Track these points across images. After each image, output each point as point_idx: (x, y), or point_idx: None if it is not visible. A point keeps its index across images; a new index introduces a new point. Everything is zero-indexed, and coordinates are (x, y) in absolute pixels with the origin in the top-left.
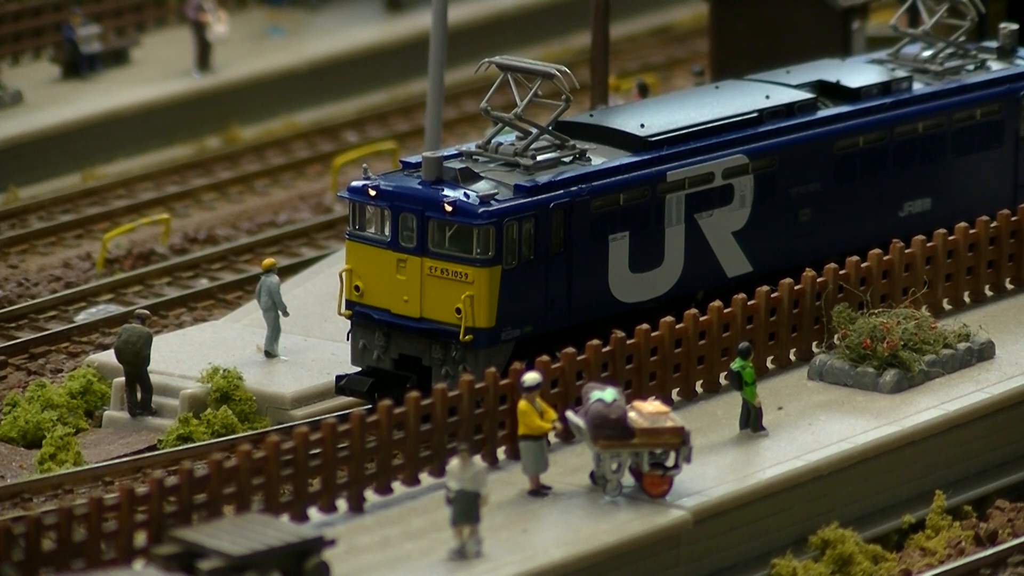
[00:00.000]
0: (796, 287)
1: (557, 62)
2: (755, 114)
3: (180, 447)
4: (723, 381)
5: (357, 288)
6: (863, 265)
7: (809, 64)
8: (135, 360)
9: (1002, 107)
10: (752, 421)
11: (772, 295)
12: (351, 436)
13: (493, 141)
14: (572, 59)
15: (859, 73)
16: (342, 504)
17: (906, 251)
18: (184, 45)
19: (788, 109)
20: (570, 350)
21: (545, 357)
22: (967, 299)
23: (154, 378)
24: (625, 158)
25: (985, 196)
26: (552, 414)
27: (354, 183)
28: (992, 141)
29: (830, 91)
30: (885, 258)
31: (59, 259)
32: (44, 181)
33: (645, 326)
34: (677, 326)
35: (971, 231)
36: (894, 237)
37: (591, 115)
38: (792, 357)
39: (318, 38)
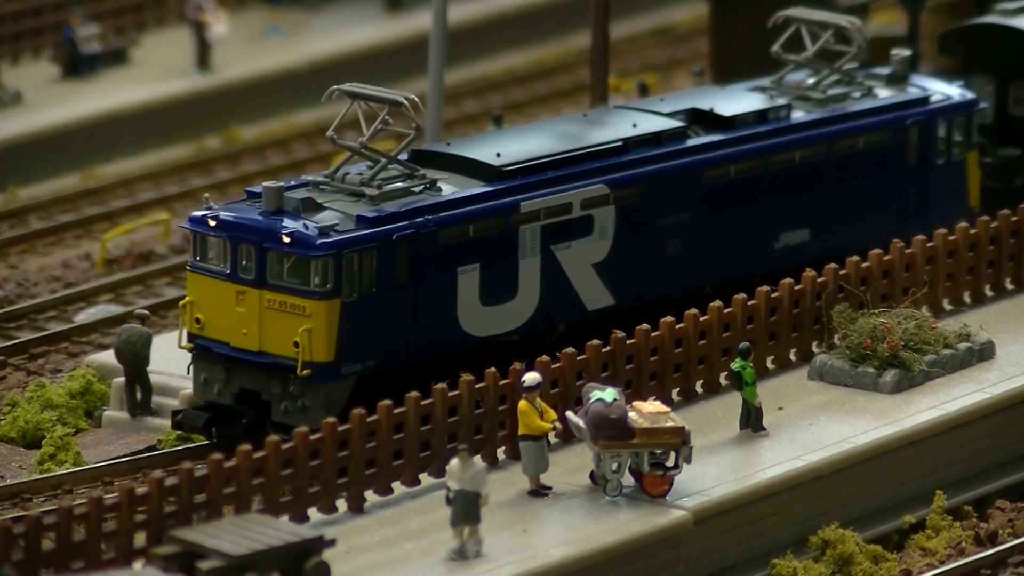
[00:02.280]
0: (796, 287)
1: (557, 62)
2: (619, 143)
3: (180, 447)
4: (723, 381)
5: (198, 320)
6: (863, 265)
7: (685, 91)
8: (135, 360)
9: (888, 136)
10: (752, 421)
11: (772, 295)
12: (351, 436)
13: (341, 171)
14: (572, 59)
15: (735, 101)
16: (342, 504)
17: (906, 251)
18: (184, 45)
19: (656, 138)
20: (570, 350)
21: (545, 357)
22: (967, 299)
23: (154, 378)
24: (476, 188)
25: (868, 227)
26: (552, 414)
27: (195, 213)
28: (877, 170)
29: (703, 119)
30: (885, 258)
31: (59, 259)
32: (44, 181)
33: (645, 326)
34: (677, 326)
35: (971, 231)
36: (770, 269)
37: (448, 144)
38: (792, 357)
39: (318, 38)
